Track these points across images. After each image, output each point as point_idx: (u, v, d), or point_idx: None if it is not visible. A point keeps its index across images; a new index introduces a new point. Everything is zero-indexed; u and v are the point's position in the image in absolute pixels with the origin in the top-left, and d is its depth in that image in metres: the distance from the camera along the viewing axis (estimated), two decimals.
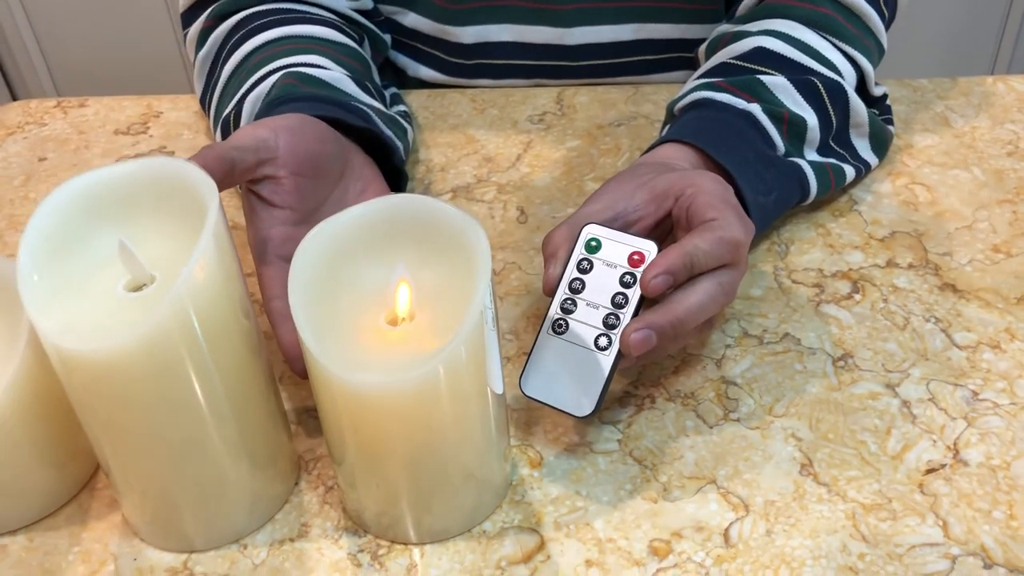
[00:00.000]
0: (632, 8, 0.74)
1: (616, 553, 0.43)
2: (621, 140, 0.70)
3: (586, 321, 0.46)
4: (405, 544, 0.44)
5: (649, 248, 0.46)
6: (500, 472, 0.45)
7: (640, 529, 0.44)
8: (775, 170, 0.57)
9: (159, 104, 0.79)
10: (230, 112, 0.63)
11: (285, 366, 0.51)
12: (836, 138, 0.62)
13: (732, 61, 0.61)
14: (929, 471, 0.46)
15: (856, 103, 0.62)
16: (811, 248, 0.59)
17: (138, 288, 0.40)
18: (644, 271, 0.45)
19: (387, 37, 0.77)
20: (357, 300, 0.42)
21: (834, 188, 0.61)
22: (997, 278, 0.56)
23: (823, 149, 0.61)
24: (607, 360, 0.45)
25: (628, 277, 0.46)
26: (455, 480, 0.43)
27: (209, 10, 0.70)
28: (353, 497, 0.45)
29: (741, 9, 0.68)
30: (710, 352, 0.52)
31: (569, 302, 0.47)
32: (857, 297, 0.55)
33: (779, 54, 0.61)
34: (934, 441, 0.47)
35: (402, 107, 0.71)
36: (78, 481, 0.48)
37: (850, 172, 0.62)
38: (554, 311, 0.47)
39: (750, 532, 0.44)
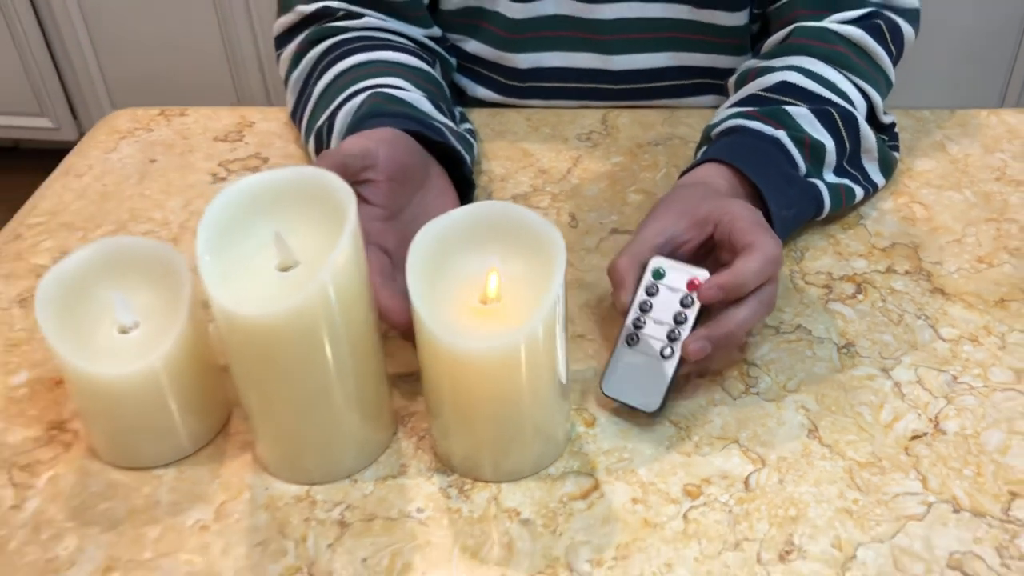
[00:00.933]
0: (668, 39, 0.84)
1: (657, 494, 0.53)
2: (659, 157, 0.80)
3: (653, 335, 0.56)
4: (486, 482, 0.54)
5: (703, 275, 0.57)
6: (563, 428, 0.56)
7: (676, 476, 0.54)
8: (796, 189, 0.67)
9: (250, 115, 0.89)
10: (323, 123, 0.74)
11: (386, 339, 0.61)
12: (850, 161, 0.72)
13: (761, 93, 0.71)
14: (914, 437, 0.56)
15: (866, 130, 0.72)
16: (822, 255, 0.69)
17: (286, 269, 0.51)
18: (702, 285, 0.55)
19: (453, 60, 0.88)
20: (457, 283, 0.52)
21: (844, 206, 0.71)
22: (979, 284, 0.66)
23: (839, 170, 0.71)
24: (670, 367, 0.56)
25: (687, 299, 0.57)
26: (527, 432, 0.53)
27: (303, 35, 0.80)
28: (444, 443, 0.55)
29: (766, 47, 0.78)
30: (742, 341, 0.63)
31: (639, 319, 0.57)
32: (860, 297, 0.65)
33: (801, 87, 0.71)
34: (919, 414, 0.57)
35: (468, 125, 0.82)
36: (214, 428, 0.58)
37: (859, 192, 0.72)
38: (628, 327, 0.57)
39: (765, 480, 0.54)
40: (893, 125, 0.76)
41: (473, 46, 0.88)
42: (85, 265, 0.56)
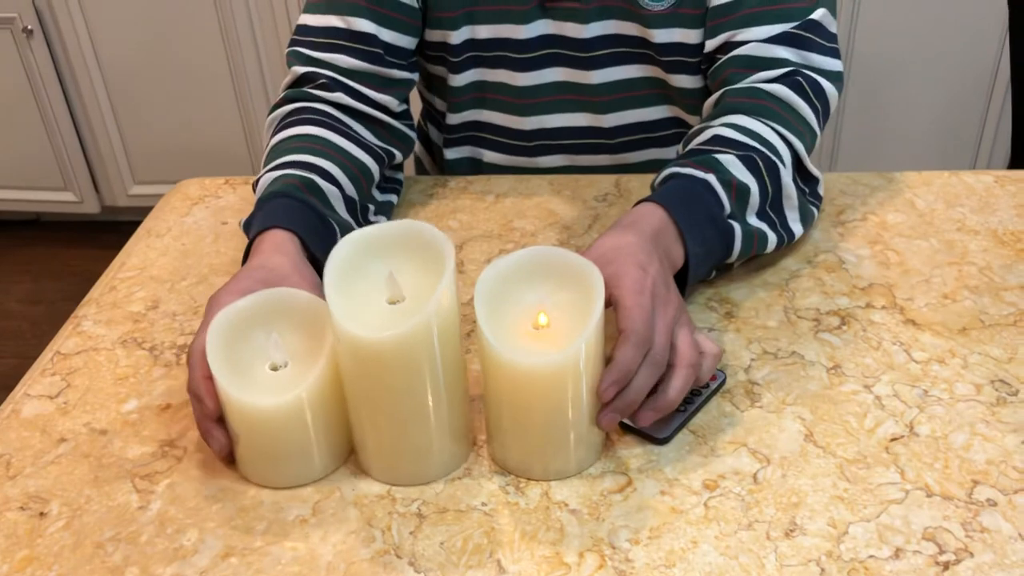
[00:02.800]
0: (649, 95, 0.98)
1: (680, 487, 0.64)
2: None
3: None
4: (537, 480, 0.65)
5: (720, 371, 0.69)
6: (600, 435, 0.67)
7: (696, 472, 0.65)
8: (714, 229, 0.76)
9: None
10: (255, 181, 0.85)
11: None
12: (772, 206, 0.81)
13: (696, 147, 0.82)
14: (892, 439, 0.67)
15: (787, 178, 0.81)
16: (811, 294, 0.81)
17: (394, 303, 0.62)
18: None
19: (413, 135, 0.97)
20: (515, 312, 0.64)
21: (755, 251, 0.80)
22: (945, 316, 0.78)
23: (761, 214, 0.81)
24: (681, 416, 0.68)
25: (702, 387, 0.69)
26: (573, 437, 0.64)
27: (285, 93, 0.92)
28: (501, 449, 0.66)
29: (704, 110, 0.90)
30: (740, 363, 0.74)
31: None
32: (844, 328, 0.77)
33: (730, 138, 0.81)
34: (896, 421, 0.68)
35: (380, 219, 0.91)
36: (341, 457, 0.67)
37: (772, 239, 0.80)
38: None
39: (771, 475, 0.65)
40: (818, 182, 0.86)
41: (484, 115, 1.01)
42: (245, 312, 0.66)
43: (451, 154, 1.06)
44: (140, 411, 0.73)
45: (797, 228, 0.84)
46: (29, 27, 2.19)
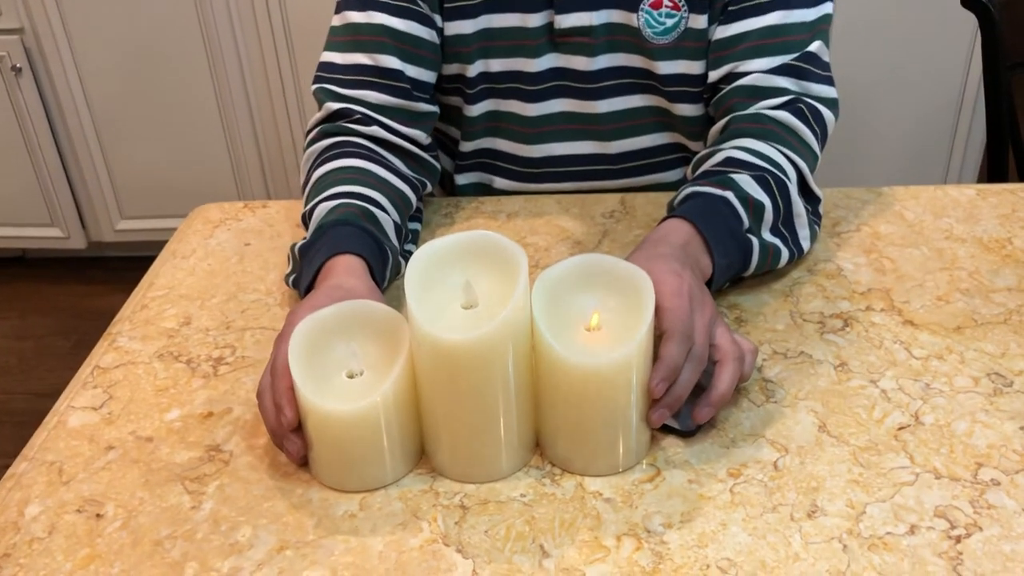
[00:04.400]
0: (652, 123, 1.03)
1: (707, 476, 0.68)
2: None
3: (692, 394, 0.71)
4: (572, 473, 0.69)
5: None
6: (647, 435, 0.70)
7: (720, 462, 0.69)
8: (735, 243, 0.82)
9: None
10: (306, 212, 0.89)
11: None
12: (784, 222, 0.87)
13: (710, 169, 0.88)
14: (900, 428, 0.72)
15: (795, 196, 0.87)
16: (814, 299, 0.86)
17: (468, 308, 0.66)
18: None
19: (438, 166, 1.02)
20: (570, 316, 0.68)
21: (770, 266, 0.86)
22: (940, 316, 0.83)
23: (774, 230, 0.87)
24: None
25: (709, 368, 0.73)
26: (622, 437, 0.68)
27: (321, 127, 0.96)
28: (551, 445, 0.69)
29: (710, 136, 0.96)
30: (758, 364, 0.79)
31: None
32: (848, 329, 0.82)
33: (742, 160, 0.87)
34: (902, 412, 0.73)
35: (412, 247, 0.95)
36: (410, 466, 0.70)
37: (785, 255, 0.87)
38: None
39: (789, 463, 0.69)
40: (820, 200, 0.92)
41: (495, 143, 1.06)
42: (325, 323, 0.69)
43: (462, 179, 1.10)
44: (183, 419, 0.76)
45: (806, 244, 0.89)
46: (18, 65, 2.22)
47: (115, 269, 2.59)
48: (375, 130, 0.95)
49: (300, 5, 2.12)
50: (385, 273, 0.85)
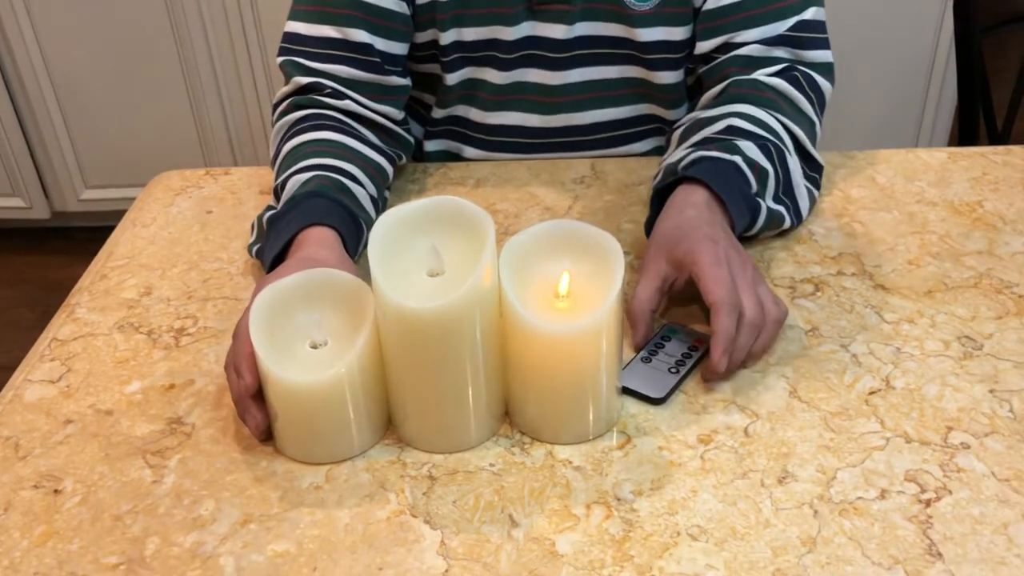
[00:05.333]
0: (625, 95, 1.01)
1: (677, 443, 0.68)
2: (642, 194, 0.96)
3: (662, 362, 0.73)
4: (543, 441, 0.68)
5: (706, 335, 0.73)
6: (617, 401, 0.70)
7: (690, 429, 0.69)
8: (745, 206, 0.82)
9: None
10: (277, 184, 0.87)
11: None
12: (785, 191, 0.88)
13: (712, 136, 0.87)
14: (871, 393, 0.71)
15: (792, 164, 0.87)
16: (784, 264, 0.85)
17: (435, 276, 0.65)
18: (713, 361, 0.69)
19: (412, 139, 1.01)
20: (538, 283, 0.66)
21: (774, 229, 0.87)
22: (911, 280, 0.83)
23: (776, 199, 0.87)
24: (675, 378, 0.72)
25: (690, 350, 0.74)
26: (591, 402, 0.67)
27: (291, 99, 0.94)
28: (520, 413, 0.68)
29: (704, 100, 0.95)
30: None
31: (653, 352, 0.74)
32: (818, 294, 0.81)
33: (743, 128, 0.86)
34: (873, 376, 0.73)
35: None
36: (377, 436, 0.69)
37: (787, 221, 0.87)
38: (644, 353, 0.74)
39: (760, 429, 0.68)
40: (822, 168, 0.92)
41: (466, 111, 1.04)
42: (288, 292, 0.68)
43: (431, 146, 1.08)
44: (144, 392, 0.75)
45: (805, 212, 0.90)
46: None
47: (80, 239, 2.55)
48: (347, 104, 0.93)
49: None
50: (359, 247, 0.84)
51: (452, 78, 1.00)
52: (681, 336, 0.76)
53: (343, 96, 0.93)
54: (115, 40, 2.17)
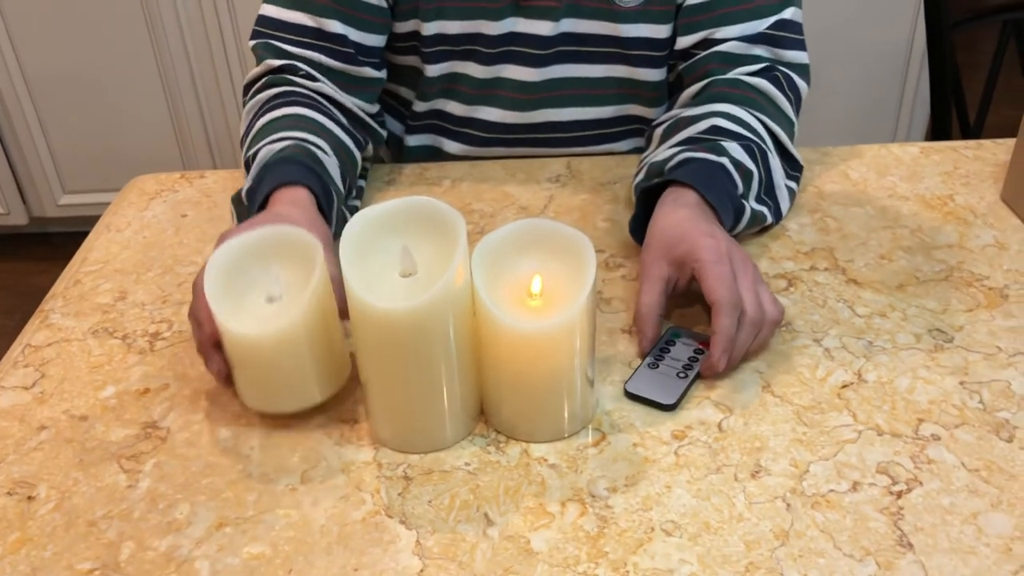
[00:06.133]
0: (609, 94, 1.02)
1: (651, 439, 0.68)
2: (618, 193, 0.97)
3: (670, 367, 0.72)
4: (518, 440, 0.68)
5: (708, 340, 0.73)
6: (593, 399, 0.70)
7: (664, 425, 0.69)
8: (731, 207, 0.83)
9: None
10: (249, 155, 0.87)
11: None
12: (767, 192, 0.89)
13: (696, 135, 0.88)
14: (843, 386, 0.72)
15: (774, 164, 0.89)
16: (758, 259, 0.86)
17: (407, 276, 0.65)
18: (712, 360, 0.70)
19: (383, 132, 1.01)
20: (511, 282, 0.67)
21: (754, 228, 0.87)
22: (883, 275, 0.83)
23: (758, 199, 0.88)
24: (684, 383, 0.71)
25: (696, 353, 0.73)
26: (567, 402, 0.67)
27: (264, 79, 0.94)
28: (495, 413, 0.69)
29: (684, 97, 0.95)
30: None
31: (659, 356, 0.73)
32: (792, 289, 0.82)
33: (727, 129, 0.88)
34: (845, 370, 0.73)
35: (357, 203, 0.94)
36: (338, 383, 0.71)
37: (769, 220, 0.88)
38: (650, 359, 0.73)
39: (734, 424, 0.69)
40: (802, 167, 0.93)
41: (448, 105, 1.04)
42: (246, 248, 0.68)
43: (412, 141, 1.08)
44: (118, 396, 0.74)
45: (784, 210, 0.91)
46: None
47: (59, 245, 2.53)
48: (320, 86, 0.94)
49: None
50: (331, 212, 0.83)
51: (433, 70, 1.00)
52: (686, 339, 0.75)
53: (316, 80, 0.94)
54: (92, 45, 2.16)
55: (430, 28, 0.97)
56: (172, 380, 0.75)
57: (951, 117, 1.30)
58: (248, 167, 0.87)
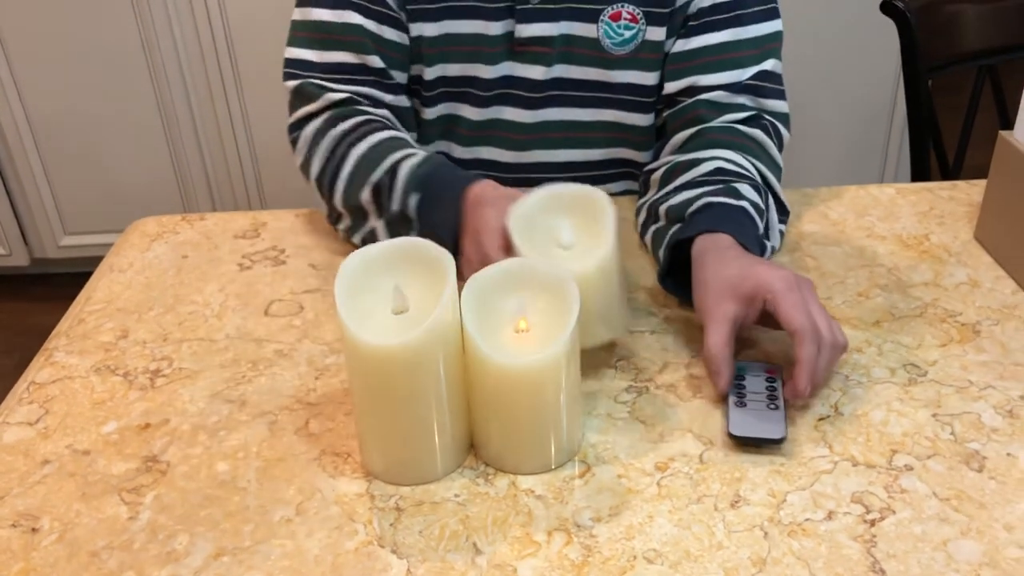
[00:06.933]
0: (599, 138, 1.05)
1: (635, 470, 0.70)
2: None
3: (757, 402, 0.74)
4: (505, 472, 0.71)
5: (776, 365, 0.76)
6: (580, 431, 0.72)
7: (648, 457, 0.72)
8: (759, 250, 0.85)
9: (262, 217, 1.06)
10: (382, 177, 0.90)
11: None
12: (766, 233, 0.91)
13: (701, 178, 0.90)
14: (820, 419, 0.74)
15: (771, 203, 0.92)
16: None
17: (399, 313, 0.68)
18: (797, 390, 0.72)
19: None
20: (499, 319, 0.69)
21: None
22: (860, 311, 0.86)
23: (765, 233, 0.91)
24: (780, 413, 0.73)
25: (769, 382, 0.75)
26: (553, 435, 0.69)
27: (325, 116, 0.97)
28: (484, 446, 0.71)
29: (676, 141, 0.98)
30: (681, 360, 0.81)
31: (740, 394, 0.74)
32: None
33: (732, 170, 0.90)
34: (822, 403, 0.76)
35: None
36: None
37: (768, 253, 0.92)
38: (734, 398, 0.74)
39: (715, 456, 0.71)
40: (788, 214, 0.96)
41: (452, 149, 1.08)
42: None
43: None
44: (120, 431, 0.77)
45: (774, 250, 0.94)
46: None
47: (60, 285, 2.56)
48: (385, 112, 0.98)
49: (240, 9, 2.11)
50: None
51: (430, 113, 1.04)
52: (752, 371, 0.77)
53: (380, 106, 0.98)
54: (94, 87, 2.20)
55: (432, 72, 1.01)
56: (172, 415, 0.78)
57: (929, 159, 1.34)
58: (378, 192, 0.90)
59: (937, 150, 1.34)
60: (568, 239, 0.76)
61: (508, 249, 0.76)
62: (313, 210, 1.07)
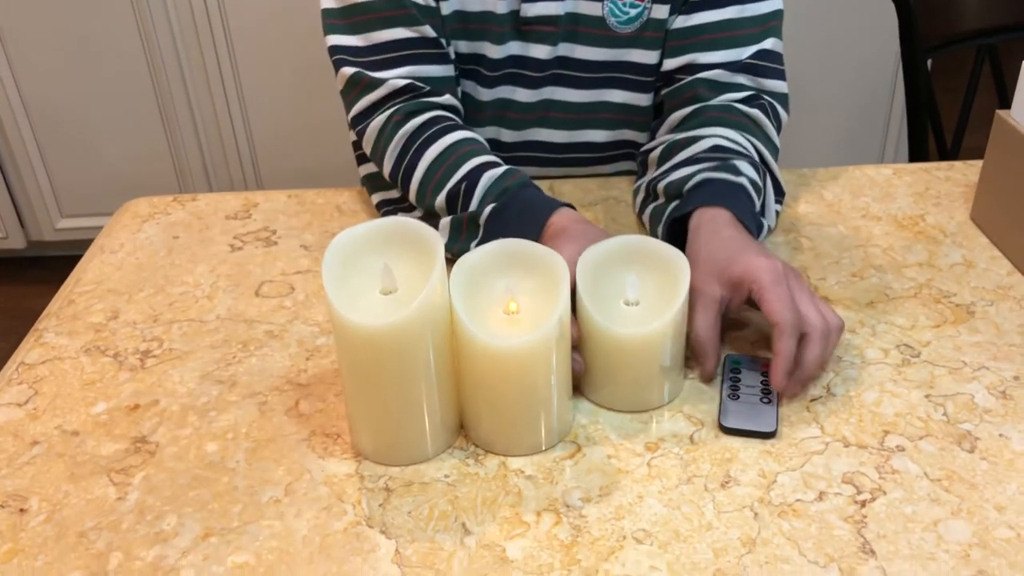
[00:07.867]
0: (602, 119, 1.04)
1: (625, 451, 0.70)
2: (599, 214, 0.99)
3: (750, 395, 0.73)
4: (496, 453, 0.70)
5: (771, 358, 0.74)
6: (571, 413, 0.72)
7: (638, 437, 0.71)
8: (755, 225, 0.84)
9: (254, 198, 1.06)
10: (456, 186, 0.89)
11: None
12: (764, 207, 0.91)
13: (700, 155, 0.90)
14: (812, 400, 0.74)
15: (768, 182, 0.91)
16: None
17: (387, 293, 0.67)
18: (781, 386, 0.71)
19: None
20: (488, 300, 0.69)
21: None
22: (854, 292, 0.86)
23: (761, 211, 0.90)
24: (772, 407, 0.72)
25: (764, 376, 0.75)
26: (544, 415, 0.69)
27: (396, 107, 0.95)
28: (474, 427, 0.71)
29: (674, 120, 0.98)
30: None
31: (735, 387, 0.74)
32: None
33: (730, 148, 0.90)
34: (815, 385, 0.75)
35: None
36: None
37: (764, 232, 0.91)
38: (728, 391, 0.74)
39: (705, 436, 0.71)
40: (784, 194, 0.96)
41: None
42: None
43: None
44: (109, 412, 0.76)
45: (769, 229, 0.94)
46: None
47: (56, 268, 2.56)
48: (447, 99, 0.97)
49: None
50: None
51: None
52: (748, 365, 0.76)
53: (441, 91, 0.96)
54: (90, 69, 2.19)
55: (448, 49, 1.00)
56: (162, 396, 0.78)
57: (927, 140, 1.33)
58: (452, 197, 0.90)
59: (936, 132, 1.33)
60: (634, 295, 0.74)
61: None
62: (305, 191, 1.06)
